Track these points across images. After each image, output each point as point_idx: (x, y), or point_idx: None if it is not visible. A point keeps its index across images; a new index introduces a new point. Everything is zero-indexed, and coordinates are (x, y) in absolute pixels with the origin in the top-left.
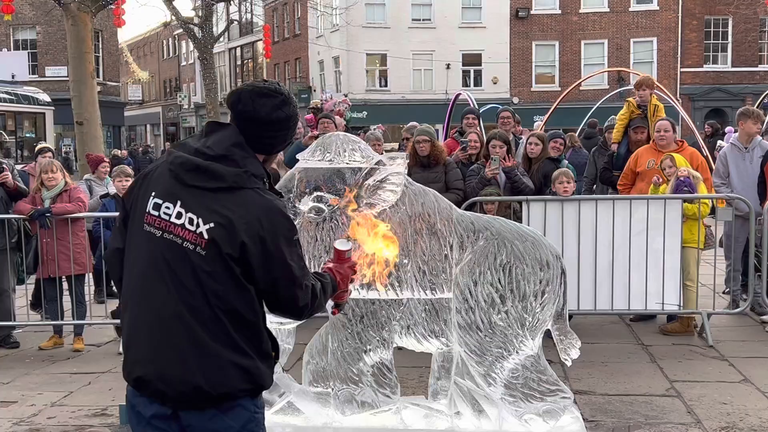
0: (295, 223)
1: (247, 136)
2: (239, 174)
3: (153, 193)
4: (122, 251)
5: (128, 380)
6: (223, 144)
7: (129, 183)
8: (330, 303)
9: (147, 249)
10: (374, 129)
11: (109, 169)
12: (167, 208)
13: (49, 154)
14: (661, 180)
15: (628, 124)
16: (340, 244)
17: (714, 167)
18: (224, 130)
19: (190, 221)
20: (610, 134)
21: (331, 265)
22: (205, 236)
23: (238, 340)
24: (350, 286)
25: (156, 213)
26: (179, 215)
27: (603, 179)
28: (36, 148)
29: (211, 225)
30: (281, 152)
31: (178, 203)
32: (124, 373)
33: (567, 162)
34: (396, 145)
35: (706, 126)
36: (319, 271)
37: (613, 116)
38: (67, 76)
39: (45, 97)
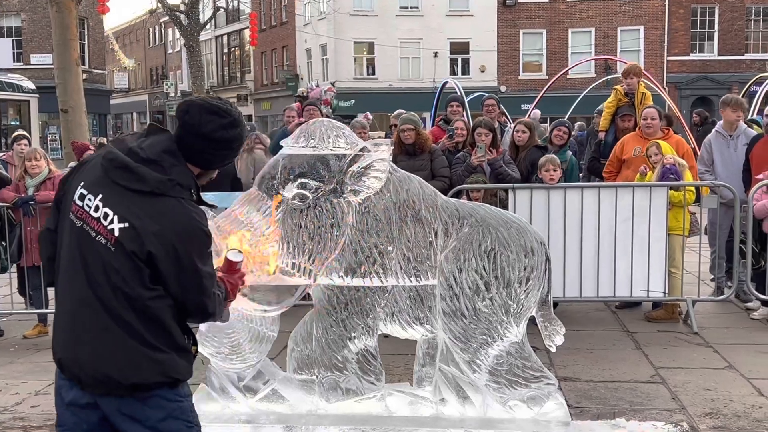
0: (279, 210)
1: (186, 147)
2: (163, 181)
3: (82, 183)
4: (53, 232)
5: (54, 361)
6: (155, 148)
7: None
8: None
9: (69, 237)
10: (360, 117)
11: None
12: (89, 200)
13: (25, 141)
14: (647, 170)
15: (615, 111)
16: (233, 255)
17: (698, 155)
18: (161, 135)
19: (105, 216)
20: (598, 119)
21: (221, 275)
22: (116, 234)
23: (146, 334)
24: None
25: (80, 203)
26: (97, 208)
27: (591, 169)
28: (12, 136)
29: (125, 225)
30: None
31: (99, 197)
32: (52, 353)
33: (571, 153)
34: (383, 133)
35: (694, 115)
36: None
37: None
38: (52, 64)
39: (29, 85)
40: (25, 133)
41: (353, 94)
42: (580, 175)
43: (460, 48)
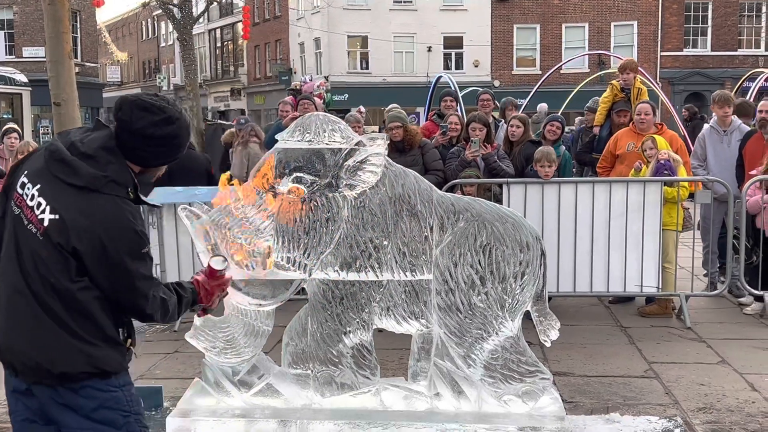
0: (272, 205)
1: (122, 144)
2: (97, 177)
3: (26, 172)
4: (0, 219)
5: None
6: (93, 144)
7: None
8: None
9: (9, 224)
10: (354, 111)
11: None
12: (28, 188)
13: (15, 135)
14: (642, 165)
15: (611, 106)
16: (215, 263)
17: (692, 150)
18: (101, 131)
19: (38, 206)
20: (590, 114)
21: (199, 278)
22: (45, 224)
23: (74, 325)
24: (216, 299)
25: (20, 191)
26: (32, 197)
27: (579, 158)
28: (2, 130)
29: (55, 217)
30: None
31: (37, 187)
32: None
33: (565, 149)
34: (377, 128)
35: (683, 110)
36: (187, 281)
37: (595, 98)
38: (45, 57)
39: (22, 78)
40: (15, 126)
41: (347, 88)
42: (573, 170)
43: (453, 43)
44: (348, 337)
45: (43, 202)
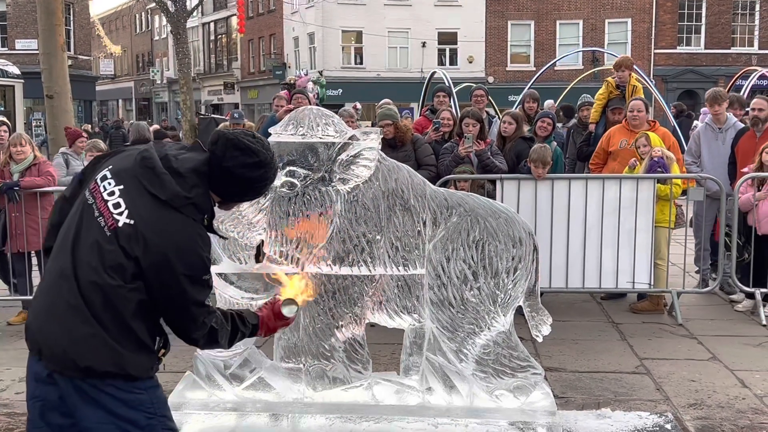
0: (267, 197)
1: (211, 174)
2: (180, 196)
3: (110, 166)
4: (66, 201)
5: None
6: (186, 164)
7: None
8: None
9: (76, 210)
10: (349, 107)
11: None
12: (109, 183)
13: (5, 128)
14: (637, 162)
15: (606, 104)
16: (287, 311)
17: (687, 147)
18: (197, 153)
19: (116, 206)
20: (584, 112)
21: (265, 313)
22: (119, 225)
23: (110, 323)
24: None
25: (99, 183)
26: (112, 194)
27: (581, 155)
28: None
29: (130, 222)
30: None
31: (120, 187)
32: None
33: (555, 144)
34: (370, 123)
35: (671, 107)
36: (251, 311)
37: (586, 94)
38: (38, 49)
39: (14, 70)
40: (4, 119)
41: (341, 83)
42: (565, 167)
43: (448, 38)
44: (340, 332)
45: (123, 204)
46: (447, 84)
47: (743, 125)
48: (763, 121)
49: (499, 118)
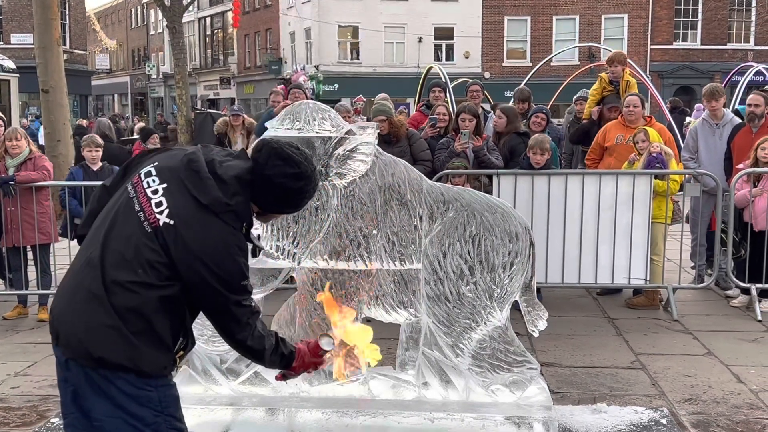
0: None
1: (254, 183)
2: (221, 202)
3: (155, 163)
4: (106, 190)
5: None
6: (230, 171)
7: (99, 153)
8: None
9: (115, 201)
10: (353, 101)
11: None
12: (153, 180)
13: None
14: (636, 158)
15: (600, 99)
16: (324, 344)
17: (683, 143)
18: (243, 161)
19: (158, 204)
20: (579, 106)
21: (302, 347)
22: (160, 223)
23: (130, 316)
24: (302, 372)
25: (143, 178)
26: (156, 192)
27: (573, 138)
28: None
29: (170, 222)
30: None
31: (164, 185)
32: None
33: (550, 139)
34: (365, 118)
35: (667, 102)
36: (289, 342)
37: (584, 89)
38: (33, 44)
39: (10, 64)
40: (0, 114)
41: (337, 78)
42: (561, 162)
43: (444, 34)
44: None
45: (165, 203)
46: (443, 79)
47: (740, 121)
48: (759, 116)
49: (494, 113)
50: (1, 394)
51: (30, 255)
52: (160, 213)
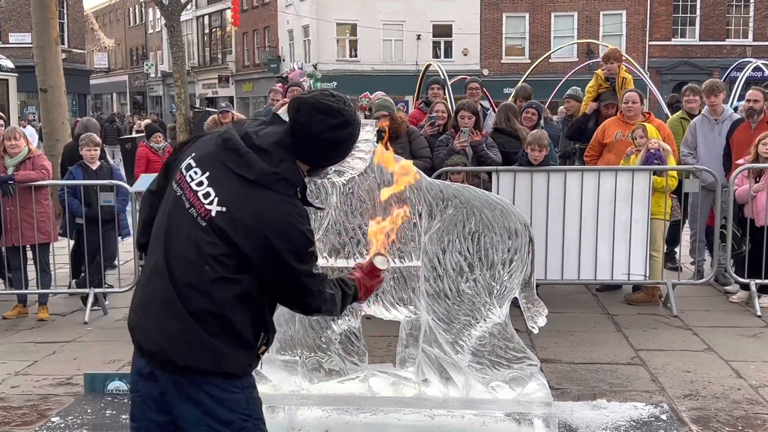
0: None
1: (296, 144)
2: (268, 173)
3: (193, 155)
4: (154, 194)
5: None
6: (268, 139)
7: (97, 152)
8: None
9: (166, 204)
10: (360, 97)
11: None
12: (195, 173)
13: (0, 121)
14: (633, 151)
15: (597, 97)
16: (379, 263)
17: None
18: (278, 126)
19: (206, 195)
20: (569, 103)
21: (359, 275)
22: (212, 214)
23: (209, 319)
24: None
25: (185, 173)
26: (200, 184)
27: (569, 133)
28: None
29: (222, 209)
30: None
31: (206, 174)
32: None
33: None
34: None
35: (666, 98)
36: (347, 278)
37: (574, 87)
38: (31, 43)
39: (8, 64)
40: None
41: (335, 76)
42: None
43: (443, 31)
44: (336, 324)
45: (212, 193)
46: (442, 76)
47: (739, 116)
48: (758, 112)
49: (493, 110)
50: (1, 394)
51: (30, 254)
52: (210, 204)
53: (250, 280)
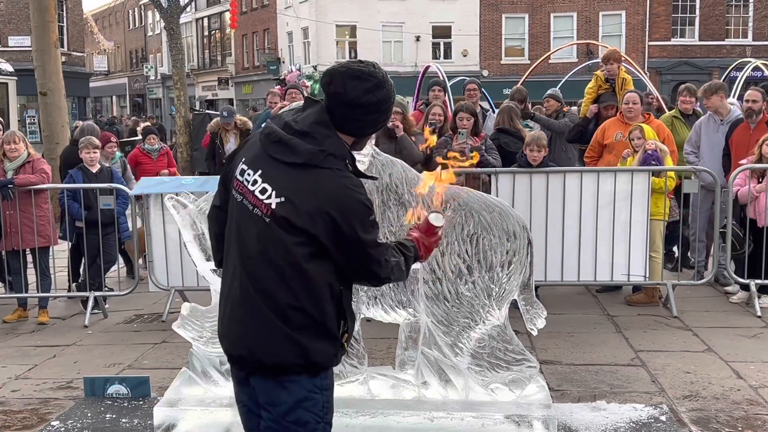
0: None
1: (336, 116)
2: (315, 152)
3: (243, 159)
4: (219, 209)
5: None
6: (307, 120)
7: (97, 155)
8: None
9: (232, 213)
10: None
11: (115, 148)
12: (248, 174)
13: None
14: (630, 153)
15: (596, 98)
16: (435, 219)
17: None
18: (313, 107)
19: (263, 191)
20: (548, 103)
21: (417, 235)
22: (273, 207)
23: (291, 313)
24: (430, 255)
25: (240, 178)
26: (255, 182)
27: (569, 136)
28: None
29: (281, 200)
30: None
31: (259, 172)
32: None
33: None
34: None
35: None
36: (405, 240)
37: (552, 88)
38: (31, 46)
39: (8, 67)
40: None
41: None
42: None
43: (442, 32)
44: None
45: (268, 187)
46: (441, 78)
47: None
48: (757, 112)
49: (493, 111)
50: (1, 398)
51: (29, 258)
52: (269, 198)
53: (326, 266)
